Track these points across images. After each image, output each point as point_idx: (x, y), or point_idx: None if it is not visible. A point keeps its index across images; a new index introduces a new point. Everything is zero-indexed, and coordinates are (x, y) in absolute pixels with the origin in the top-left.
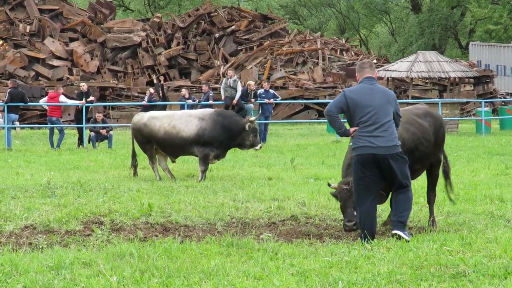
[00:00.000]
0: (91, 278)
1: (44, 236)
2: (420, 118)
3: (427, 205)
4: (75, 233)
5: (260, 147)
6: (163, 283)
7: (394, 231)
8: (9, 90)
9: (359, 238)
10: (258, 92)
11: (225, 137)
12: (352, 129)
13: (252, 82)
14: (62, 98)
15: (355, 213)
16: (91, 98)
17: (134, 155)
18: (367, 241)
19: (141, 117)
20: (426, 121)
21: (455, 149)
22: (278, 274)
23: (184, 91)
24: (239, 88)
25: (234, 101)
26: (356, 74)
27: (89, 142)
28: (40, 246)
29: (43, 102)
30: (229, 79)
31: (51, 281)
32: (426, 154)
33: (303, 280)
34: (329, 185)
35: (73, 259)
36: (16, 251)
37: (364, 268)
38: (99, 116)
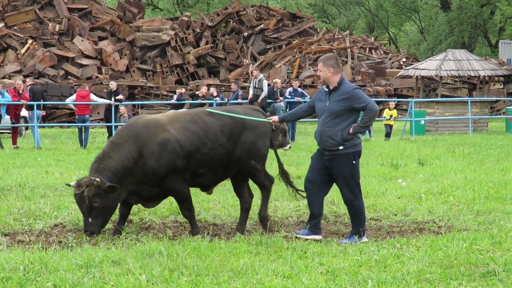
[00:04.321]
0: (121, 276)
1: (74, 235)
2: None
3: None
4: (104, 232)
5: (289, 147)
6: (192, 281)
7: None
8: (30, 87)
9: (388, 237)
10: (287, 90)
11: None
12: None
13: (278, 80)
14: (93, 96)
15: (90, 220)
16: (120, 96)
17: None
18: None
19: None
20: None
21: (484, 147)
22: (307, 273)
23: (212, 90)
24: (265, 88)
25: (259, 100)
26: (337, 70)
27: None
28: (70, 245)
29: (70, 100)
30: (254, 79)
31: (81, 280)
32: None
33: (332, 279)
34: (68, 185)
35: (103, 257)
36: (46, 249)
37: (394, 267)
38: (123, 109)
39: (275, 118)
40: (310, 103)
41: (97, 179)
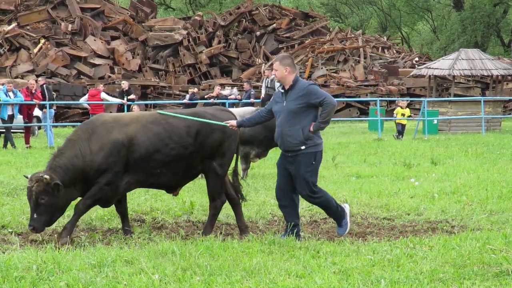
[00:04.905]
0: (133, 276)
1: (87, 234)
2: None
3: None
4: (117, 231)
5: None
6: (205, 281)
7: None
8: (45, 86)
9: (401, 237)
10: None
11: (266, 135)
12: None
13: None
14: (104, 95)
15: (35, 216)
16: (132, 96)
17: None
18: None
19: None
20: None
21: (497, 147)
22: (320, 272)
23: (227, 89)
24: (277, 87)
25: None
26: (293, 69)
27: None
28: (83, 244)
29: (83, 100)
30: (266, 78)
31: (94, 279)
32: None
33: (345, 278)
34: (25, 176)
35: (115, 257)
36: (59, 249)
37: (407, 266)
38: (136, 109)
39: (233, 122)
40: (268, 107)
41: (47, 176)
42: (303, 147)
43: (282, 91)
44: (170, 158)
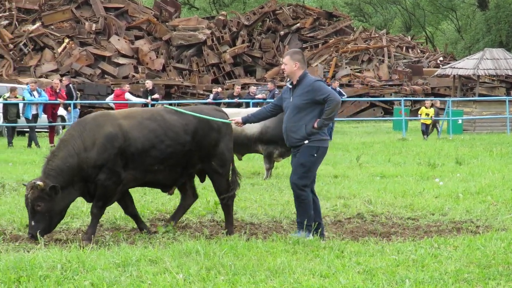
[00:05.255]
0: (158, 275)
1: (111, 233)
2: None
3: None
4: (141, 231)
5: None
6: (229, 280)
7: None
8: (71, 85)
9: (426, 237)
10: None
11: None
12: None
13: None
14: (128, 95)
15: (33, 224)
16: (156, 95)
17: None
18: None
19: None
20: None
21: None
22: (344, 272)
23: (252, 89)
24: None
25: None
26: (302, 65)
27: None
28: (107, 243)
29: (109, 99)
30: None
31: (118, 278)
32: None
33: (369, 278)
34: (24, 185)
35: (140, 256)
36: (83, 248)
37: (431, 266)
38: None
39: (238, 119)
40: (276, 102)
41: (39, 182)
42: (306, 142)
43: (290, 86)
44: (166, 155)
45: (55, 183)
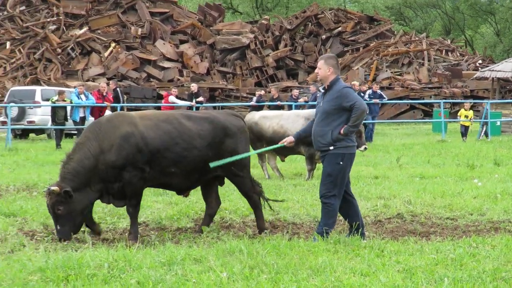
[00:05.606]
0: (202, 273)
1: (156, 233)
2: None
3: None
4: (186, 230)
5: (365, 148)
6: (272, 279)
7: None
8: (118, 89)
9: (464, 236)
10: (366, 93)
11: None
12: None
13: (356, 82)
14: (172, 98)
15: (59, 227)
16: (201, 98)
17: None
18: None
19: (252, 116)
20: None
21: None
22: (384, 271)
23: (295, 92)
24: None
25: None
26: (336, 70)
27: None
28: (153, 243)
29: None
30: None
31: (163, 277)
32: None
33: (409, 277)
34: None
35: (185, 255)
36: (130, 247)
37: (470, 265)
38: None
39: (290, 138)
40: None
41: (54, 188)
42: (331, 148)
43: (322, 91)
44: (181, 158)
45: (71, 186)
